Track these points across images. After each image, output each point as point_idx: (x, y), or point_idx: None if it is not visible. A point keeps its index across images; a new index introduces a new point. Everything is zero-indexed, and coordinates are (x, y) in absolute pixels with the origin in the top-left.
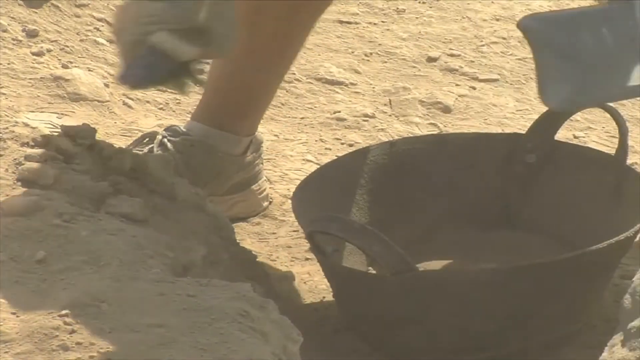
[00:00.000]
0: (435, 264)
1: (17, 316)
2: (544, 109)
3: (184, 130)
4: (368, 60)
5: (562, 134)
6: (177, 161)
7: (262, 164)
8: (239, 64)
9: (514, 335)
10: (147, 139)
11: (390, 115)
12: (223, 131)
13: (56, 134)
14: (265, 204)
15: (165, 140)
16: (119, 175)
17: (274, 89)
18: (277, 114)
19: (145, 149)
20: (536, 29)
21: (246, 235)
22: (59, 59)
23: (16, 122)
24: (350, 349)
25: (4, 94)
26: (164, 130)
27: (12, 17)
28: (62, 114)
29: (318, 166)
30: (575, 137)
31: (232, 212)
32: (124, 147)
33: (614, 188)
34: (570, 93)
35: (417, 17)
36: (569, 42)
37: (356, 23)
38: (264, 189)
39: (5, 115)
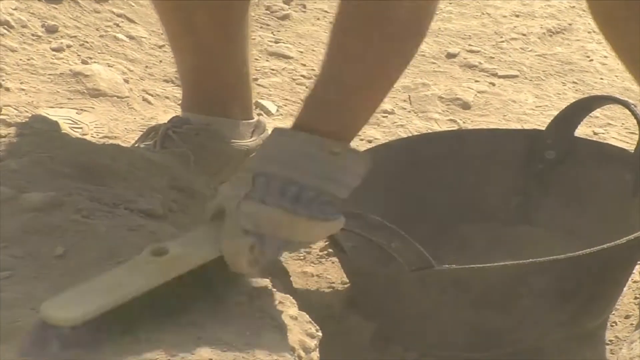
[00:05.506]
0: (454, 260)
1: (37, 312)
2: (564, 105)
3: (185, 118)
4: None
5: (582, 131)
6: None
7: None
8: (211, 52)
9: (531, 332)
10: (152, 133)
11: (409, 112)
12: (218, 116)
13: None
14: None
15: (170, 132)
16: None
17: (248, 71)
18: (294, 110)
19: (152, 143)
20: None
21: None
22: (79, 55)
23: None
24: (367, 344)
25: (24, 89)
26: (168, 122)
27: (32, 13)
28: (81, 109)
29: None
30: (594, 133)
31: None
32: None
33: (633, 184)
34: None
35: (436, 13)
36: None
37: None
38: None
39: (25, 110)
